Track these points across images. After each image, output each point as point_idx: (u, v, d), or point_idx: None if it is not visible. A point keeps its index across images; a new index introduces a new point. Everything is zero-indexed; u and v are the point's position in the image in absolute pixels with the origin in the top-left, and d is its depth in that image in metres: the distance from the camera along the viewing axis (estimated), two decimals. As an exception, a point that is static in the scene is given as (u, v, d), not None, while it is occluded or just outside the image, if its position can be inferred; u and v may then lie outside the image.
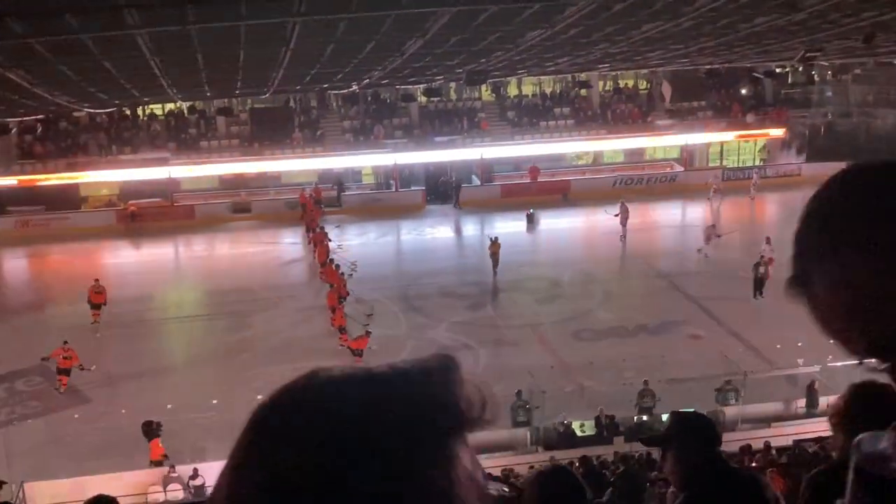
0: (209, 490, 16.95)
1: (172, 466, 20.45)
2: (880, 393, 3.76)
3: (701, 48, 22.82)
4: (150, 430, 21.07)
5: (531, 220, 40.47)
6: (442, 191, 45.61)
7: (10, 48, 12.24)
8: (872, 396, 3.81)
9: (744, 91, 49.48)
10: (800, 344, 24.59)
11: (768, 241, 30.60)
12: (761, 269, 29.35)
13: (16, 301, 33.92)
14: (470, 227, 42.38)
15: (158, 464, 21.01)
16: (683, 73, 44.65)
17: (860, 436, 1.42)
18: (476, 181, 46.15)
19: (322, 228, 36.66)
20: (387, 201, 44.55)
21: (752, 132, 48.64)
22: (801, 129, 48.81)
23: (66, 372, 24.63)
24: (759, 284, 29.26)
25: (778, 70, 44.29)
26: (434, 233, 41.47)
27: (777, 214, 43.08)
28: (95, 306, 29.12)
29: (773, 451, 18.03)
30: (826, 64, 42.21)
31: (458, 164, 46.47)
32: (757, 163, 49.09)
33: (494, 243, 33.19)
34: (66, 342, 24.78)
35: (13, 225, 41.57)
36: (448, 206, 44.54)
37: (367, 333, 25.84)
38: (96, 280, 29.84)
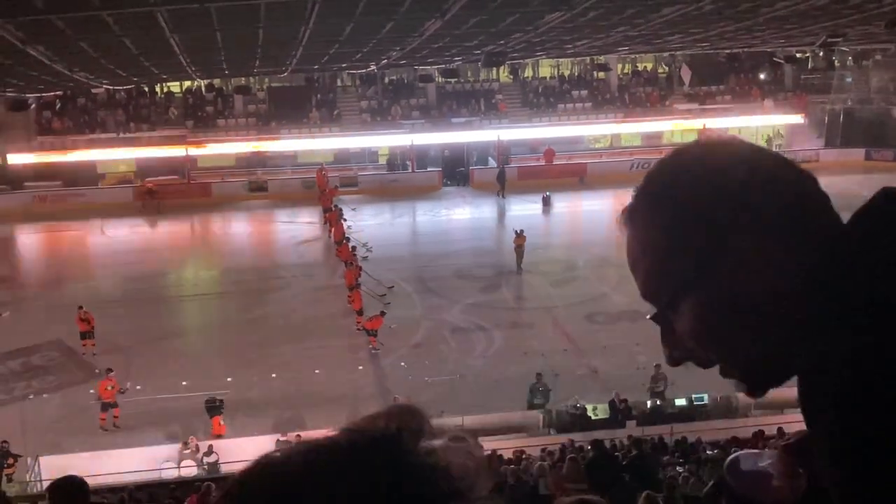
0: (223, 467, 17.01)
1: (185, 443, 20.58)
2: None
3: (721, 32, 22.68)
4: (214, 406, 21.27)
5: (547, 203, 40.43)
6: (459, 178, 45.64)
7: (31, 24, 12.26)
8: None
9: (762, 76, 49.15)
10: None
11: None
12: None
13: (32, 276, 34.14)
14: (486, 210, 42.34)
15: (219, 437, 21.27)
16: (703, 56, 44.37)
17: (734, 454, 1.42)
18: (492, 163, 46.06)
19: (337, 207, 36.67)
20: (403, 182, 44.53)
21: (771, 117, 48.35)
22: (821, 114, 48.49)
23: (114, 404, 22.13)
24: None
25: (798, 55, 43.99)
26: (450, 214, 41.47)
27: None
28: (85, 335, 25.65)
29: (787, 437, 17.98)
30: (847, 49, 41.90)
31: (474, 146, 46.40)
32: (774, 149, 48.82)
33: (519, 236, 32.09)
34: (110, 370, 22.66)
35: (31, 200, 41.78)
36: (465, 188, 44.59)
37: (382, 314, 25.88)
38: (80, 307, 25.94)
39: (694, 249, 1.23)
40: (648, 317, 1.32)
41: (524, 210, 39.80)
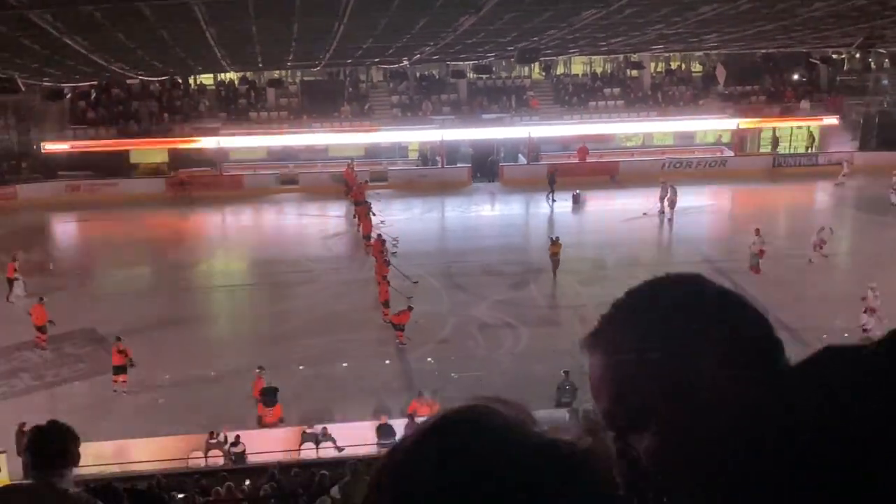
0: (249, 458, 17.13)
1: (212, 433, 20.68)
2: None
3: (757, 32, 22.50)
4: (275, 397, 21.52)
5: (577, 201, 40.29)
6: (489, 169, 45.57)
7: (70, 15, 12.36)
8: None
9: (795, 76, 48.73)
10: (846, 335, 24.37)
11: (757, 232, 30.80)
12: (752, 261, 30.68)
13: (64, 265, 34.43)
14: (515, 206, 42.27)
15: (274, 426, 21.51)
16: (738, 56, 44.08)
17: None
18: (522, 160, 45.99)
19: (366, 202, 36.70)
20: (432, 177, 44.52)
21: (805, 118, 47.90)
22: (856, 116, 48.03)
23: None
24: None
25: (834, 56, 43.63)
26: (479, 210, 41.44)
27: (813, 204, 42.46)
28: (119, 370, 23.23)
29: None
30: (883, 51, 41.47)
31: (505, 143, 46.33)
32: (810, 150, 48.45)
33: (555, 243, 30.99)
34: (261, 367, 22.35)
35: (63, 189, 42.14)
36: (495, 184, 44.52)
37: (409, 308, 25.88)
38: (118, 338, 23.75)
39: (657, 379, 1.31)
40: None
41: (554, 208, 39.68)
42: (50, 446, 4.27)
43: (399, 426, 19.99)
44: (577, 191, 40.41)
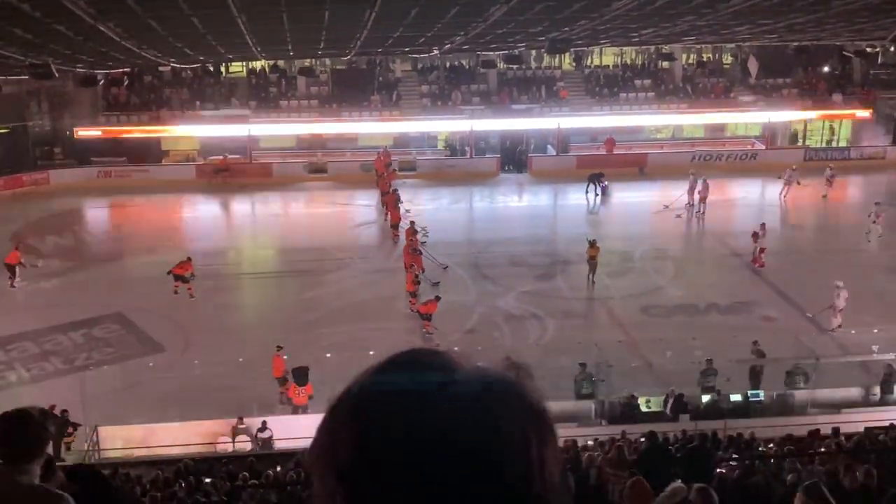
0: (276, 443, 17.24)
1: (240, 418, 20.84)
2: None
3: (791, 24, 22.28)
4: (306, 377, 21.76)
5: (605, 193, 40.11)
6: (517, 160, 45.49)
7: (103, 1, 12.45)
8: None
9: (826, 69, 48.21)
10: (875, 331, 24.22)
11: (763, 227, 30.86)
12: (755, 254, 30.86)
13: (95, 250, 34.75)
14: (543, 198, 42.15)
15: (304, 409, 21.72)
16: (770, 48, 43.65)
17: None
18: (551, 151, 45.85)
19: (395, 191, 36.72)
20: (461, 167, 44.48)
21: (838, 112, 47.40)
22: (889, 111, 47.49)
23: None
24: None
25: (868, 49, 43.10)
26: (507, 201, 41.37)
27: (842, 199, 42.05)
28: (282, 381, 22.94)
29: (842, 437, 17.74)
30: (919, 45, 40.99)
31: (534, 133, 46.16)
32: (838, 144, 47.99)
33: (593, 246, 29.56)
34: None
35: (96, 175, 42.53)
36: (523, 175, 44.42)
37: (437, 298, 25.91)
38: (279, 347, 23.10)
39: None
40: None
41: (582, 199, 39.55)
42: (20, 438, 3.86)
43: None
44: (605, 182, 40.24)
